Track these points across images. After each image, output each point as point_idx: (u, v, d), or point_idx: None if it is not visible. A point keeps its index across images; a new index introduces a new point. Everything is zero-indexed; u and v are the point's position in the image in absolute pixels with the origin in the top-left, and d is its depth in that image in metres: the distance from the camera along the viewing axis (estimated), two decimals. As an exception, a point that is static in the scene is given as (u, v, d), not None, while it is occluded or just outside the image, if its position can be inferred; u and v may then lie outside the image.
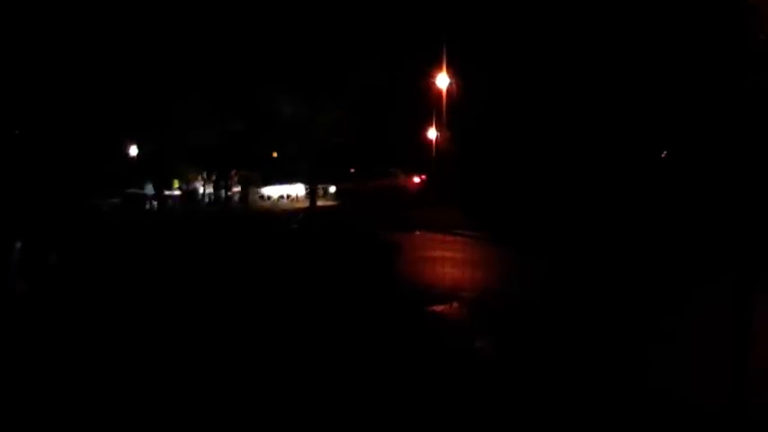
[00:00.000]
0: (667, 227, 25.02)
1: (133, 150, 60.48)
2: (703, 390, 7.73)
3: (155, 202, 61.32)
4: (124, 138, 58.21)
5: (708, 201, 25.54)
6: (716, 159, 26.81)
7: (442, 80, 41.38)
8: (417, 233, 31.59)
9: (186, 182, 70.76)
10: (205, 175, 72.86)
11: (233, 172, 71.05)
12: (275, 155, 69.47)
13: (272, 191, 77.81)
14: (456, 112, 42.51)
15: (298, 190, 76.40)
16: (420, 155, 55.13)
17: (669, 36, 28.57)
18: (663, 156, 32.37)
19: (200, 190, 73.69)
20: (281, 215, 49.01)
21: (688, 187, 27.75)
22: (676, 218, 25.67)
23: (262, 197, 75.71)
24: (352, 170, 73.22)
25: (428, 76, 43.74)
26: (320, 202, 63.19)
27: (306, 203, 62.00)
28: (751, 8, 23.66)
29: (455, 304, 12.77)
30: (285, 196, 77.46)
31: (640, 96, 30.53)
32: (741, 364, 7.98)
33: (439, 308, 12.34)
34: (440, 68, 41.29)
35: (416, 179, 63.93)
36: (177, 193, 67.85)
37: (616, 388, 7.81)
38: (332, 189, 77.89)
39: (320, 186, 70.14)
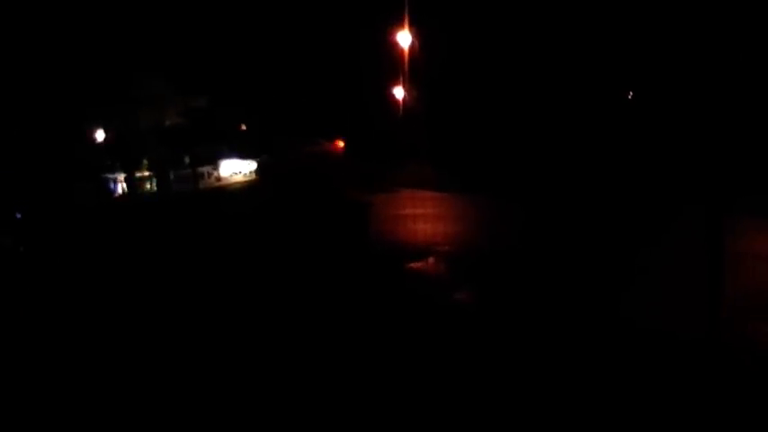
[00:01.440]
0: (636, 165, 25.13)
1: (100, 135, 59.65)
2: (679, 321, 7.77)
3: (122, 186, 60.70)
4: (90, 122, 57.34)
5: (674, 137, 25.64)
6: (680, 96, 26.87)
7: (404, 37, 40.94)
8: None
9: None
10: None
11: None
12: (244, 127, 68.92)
13: (227, 168, 76.60)
14: (419, 68, 42.21)
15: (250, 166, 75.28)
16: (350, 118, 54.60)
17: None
18: (629, 96, 32.39)
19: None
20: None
21: (655, 126, 27.82)
22: (644, 156, 25.77)
23: (218, 178, 74.27)
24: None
25: (388, 32, 43.28)
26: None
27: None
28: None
29: (431, 259, 12.75)
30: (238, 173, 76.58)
31: (604, 38, 30.46)
32: (715, 293, 8.04)
33: (416, 264, 12.32)
34: (400, 26, 40.83)
35: (340, 143, 62.73)
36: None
37: (593, 326, 7.84)
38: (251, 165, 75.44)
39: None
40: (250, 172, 75.28)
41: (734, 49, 23.93)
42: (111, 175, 61.00)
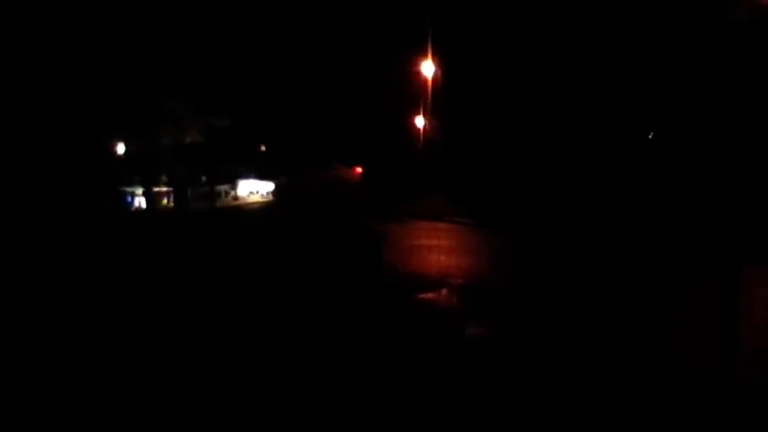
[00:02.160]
0: (655, 207, 25.13)
1: (120, 149, 60.18)
2: (693, 366, 7.74)
3: (141, 200, 61.13)
4: (111, 136, 57.88)
5: (695, 180, 25.65)
6: (701, 139, 26.91)
7: (428, 68, 41.16)
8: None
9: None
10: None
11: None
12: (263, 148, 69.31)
13: (244, 188, 77.07)
14: (440, 100, 42.45)
15: (268, 186, 75.65)
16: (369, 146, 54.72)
17: (651, 18, 28.58)
18: (650, 137, 32.40)
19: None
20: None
21: (675, 168, 27.82)
22: (664, 198, 25.77)
23: (235, 197, 74.68)
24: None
25: (410, 65, 43.54)
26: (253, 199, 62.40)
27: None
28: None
29: (444, 291, 12.74)
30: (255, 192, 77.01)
31: (625, 79, 30.54)
32: (730, 341, 8.00)
33: (428, 295, 12.31)
34: (423, 57, 41.08)
35: (358, 170, 62.81)
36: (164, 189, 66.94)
37: (607, 371, 7.80)
38: (269, 186, 75.92)
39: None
40: (267, 193, 75.89)
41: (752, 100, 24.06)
42: (128, 189, 61.52)
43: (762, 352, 8.18)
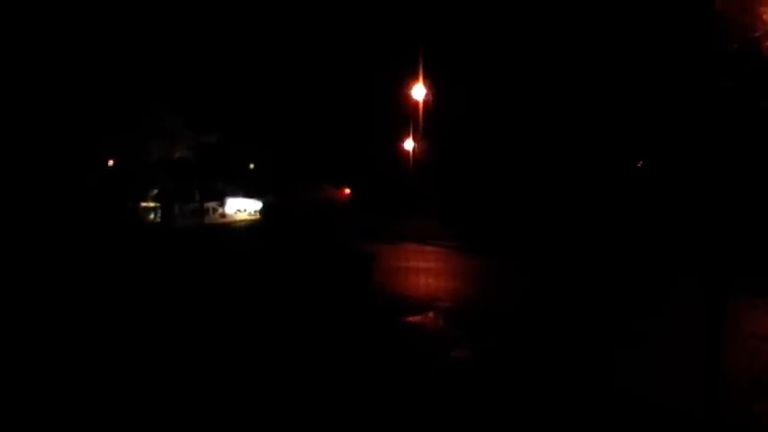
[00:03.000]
0: (642, 233, 25.29)
1: (108, 163, 60.03)
2: (677, 394, 7.79)
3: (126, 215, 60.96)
4: (100, 149, 57.74)
5: (683, 208, 25.84)
6: (691, 167, 27.11)
7: (418, 91, 41.37)
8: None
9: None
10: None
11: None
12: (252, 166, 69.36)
13: (232, 206, 76.93)
14: (430, 122, 42.63)
15: (255, 205, 75.58)
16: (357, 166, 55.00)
17: (641, 47, 28.83)
18: (639, 165, 32.60)
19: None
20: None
21: (664, 196, 28.01)
22: (651, 225, 25.94)
23: (223, 215, 74.46)
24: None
25: (401, 87, 43.75)
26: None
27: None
28: (718, 15, 24.07)
29: (431, 314, 12.79)
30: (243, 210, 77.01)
31: (615, 106, 30.76)
32: (714, 367, 8.06)
33: (415, 318, 12.35)
34: (414, 79, 41.30)
35: (347, 190, 63.07)
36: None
37: (590, 395, 7.86)
38: (257, 204, 76.61)
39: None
40: (255, 211, 75.80)
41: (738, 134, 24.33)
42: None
43: (743, 381, 8.25)
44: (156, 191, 64.79)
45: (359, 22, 48.73)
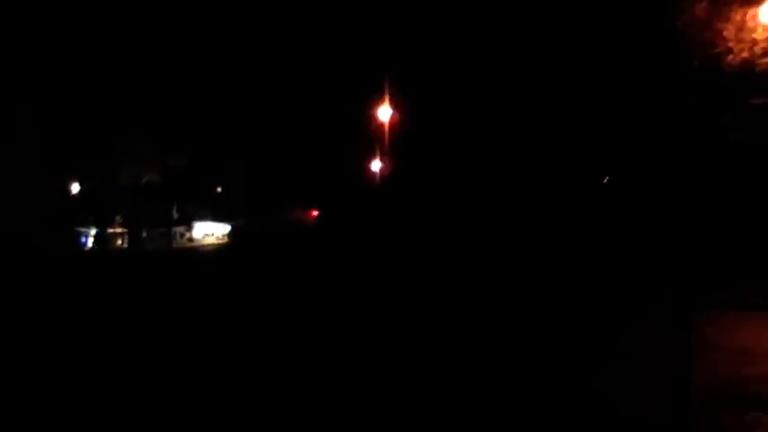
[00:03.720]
0: (611, 248, 25.57)
1: (75, 187, 59.42)
2: (647, 407, 7.86)
3: (94, 241, 60.47)
4: (67, 174, 57.14)
5: (650, 223, 26.17)
6: (657, 183, 27.47)
7: (384, 112, 41.33)
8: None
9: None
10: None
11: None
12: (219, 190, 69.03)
13: (200, 230, 76.59)
14: (397, 144, 42.67)
15: (224, 228, 75.29)
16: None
17: (606, 64, 29.12)
18: (605, 181, 32.88)
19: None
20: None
21: (630, 210, 28.31)
22: (619, 239, 26.23)
23: (191, 239, 74.01)
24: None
25: (368, 108, 43.74)
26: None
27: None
28: (680, 33, 24.47)
29: (398, 331, 12.76)
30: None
31: (581, 123, 31.00)
32: (684, 380, 8.14)
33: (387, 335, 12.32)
34: (380, 101, 41.30)
35: (314, 213, 62.60)
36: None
37: (565, 408, 7.91)
38: (225, 228, 76.09)
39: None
40: (223, 235, 75.30)
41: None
42: (83, 229, 60.59)
43: (712, 393, 8.33)
44: (122, 216, 64.30)
45: (324, 44, 48.81)
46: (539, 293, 19.48)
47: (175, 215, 69.45)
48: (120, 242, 65.40)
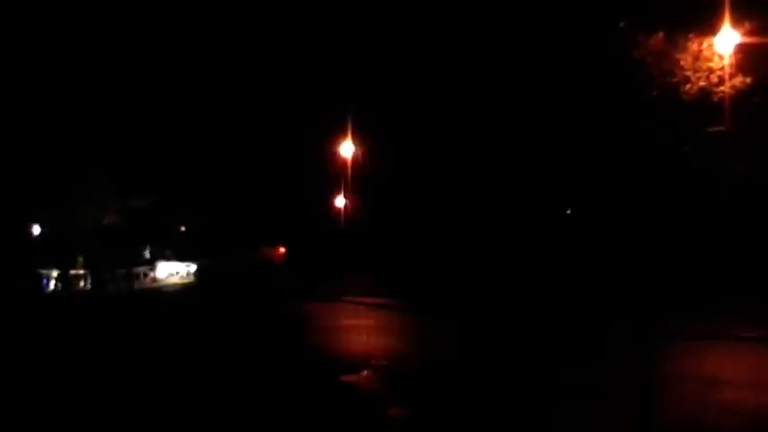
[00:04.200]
0: (574, 279, 25.69)
1: (36, 230, 58.73)
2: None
3: (56, 283, 59.67)
4: (27, 216, 56.56)
5: (610, 251, 26.35)
6: (616, 213, 27.71)
7: (347, 148, 41.46)
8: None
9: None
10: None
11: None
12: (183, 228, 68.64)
13: (164, 270, 76.26)
14: (361, 179, 42.76)
15: (188, 268, 75.00)
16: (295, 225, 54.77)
17: (565, 95, 29.43)
18: (567, 213, 33.13)
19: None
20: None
21: (592, 241, 28.51)
22: (582, 270, 26.36)
23: (154, 279, 73.49)
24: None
25: (331, 145, 43.83)
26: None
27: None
28: (638, 63, 24.84)
29: (366, 372, 12.62)
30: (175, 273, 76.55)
31: (542, 157, 31.26)
32: (649, 412, 8.10)
33: (351, 377, 12.17)
34: (343, 137, 41.42)
35: (281, 249, 62.32)
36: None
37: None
38: (190, 267, 75.92)
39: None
40: (188, 274, 74.77)
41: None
42: (44, 272, 59.94)
43: (677, 423, 8.28)
44: (84, 258, 63.60)
45: (285, 81, 48.98)
46: (501, 325, 19.50)
47: (147, 255, 69.06)
48: (82, 283, 64.56)
